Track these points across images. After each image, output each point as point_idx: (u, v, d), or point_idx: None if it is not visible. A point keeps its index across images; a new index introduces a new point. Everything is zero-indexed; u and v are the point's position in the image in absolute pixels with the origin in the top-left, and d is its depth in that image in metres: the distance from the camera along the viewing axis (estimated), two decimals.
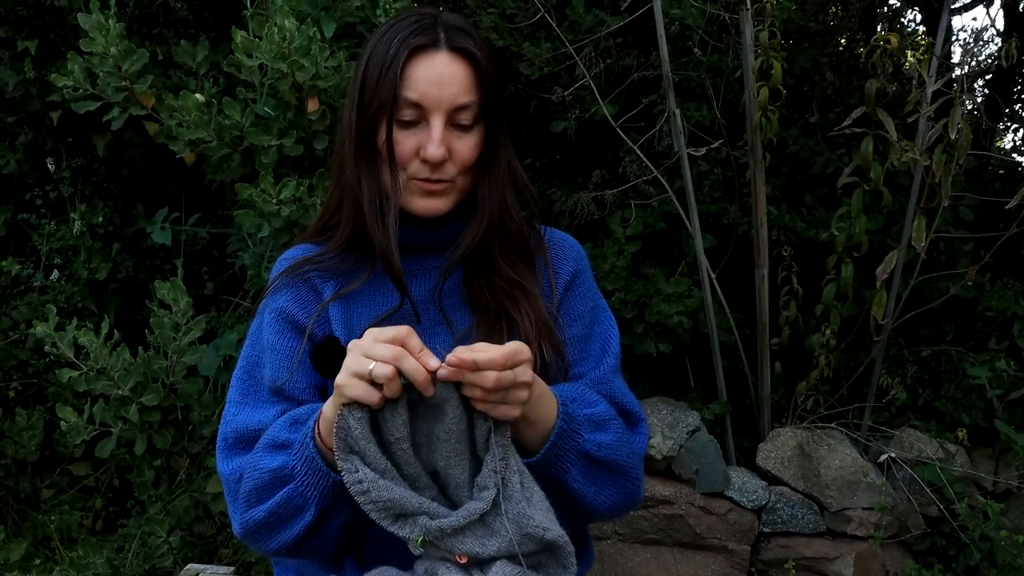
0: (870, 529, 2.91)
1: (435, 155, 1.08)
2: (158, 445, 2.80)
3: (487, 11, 3.37)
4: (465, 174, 1.13)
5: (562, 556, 0.94)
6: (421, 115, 1.09)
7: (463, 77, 1.09)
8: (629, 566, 2.97)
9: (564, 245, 1.25)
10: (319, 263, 1.18)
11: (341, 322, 1.13)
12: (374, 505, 0.90)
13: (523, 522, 0.92)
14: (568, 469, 1.04)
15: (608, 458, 1.08)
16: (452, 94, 1.08)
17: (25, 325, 3.24)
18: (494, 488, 0.92)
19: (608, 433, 1.09)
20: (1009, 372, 3.11)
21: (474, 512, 0.91)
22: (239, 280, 3.26)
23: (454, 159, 1.10)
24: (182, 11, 3.50)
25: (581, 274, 1.24)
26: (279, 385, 1.12)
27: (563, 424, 1.03)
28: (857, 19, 4.01)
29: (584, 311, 1.21)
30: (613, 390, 1.17)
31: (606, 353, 1.20)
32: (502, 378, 0.90)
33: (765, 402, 3.12)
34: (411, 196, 1.12)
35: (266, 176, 2.42)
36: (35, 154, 3.42)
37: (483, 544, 0.92)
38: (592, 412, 1.09)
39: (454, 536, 0.91)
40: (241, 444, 1.10)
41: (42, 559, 3.16)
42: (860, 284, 3.06)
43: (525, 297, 1.14)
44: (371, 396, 0.90)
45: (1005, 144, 4.56)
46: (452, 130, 1.10)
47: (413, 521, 0.91)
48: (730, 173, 3.36)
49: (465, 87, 1.09)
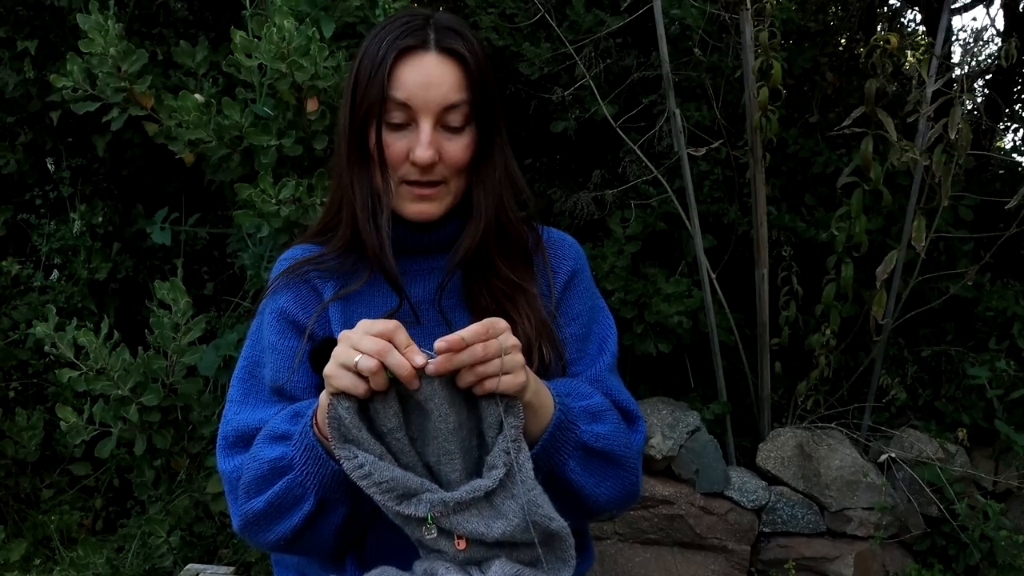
0: (870, 529, 2.91)
1: (423, 158, 1.08)
2: (158, 445, 2.80)
3: (487, 11, 3.37)
4: (458, 176, 1.13)
5: (562, 549, 0.94)
6: (410, 117, 1.09)
7: (452, 77, 1.09)
8: (629, 566, 2.97)
9: (563, 244, 1.26)
10: (319, 263, 1.18)
11: (341, 323, 1.13)
12: (378, 487, 0.90)
13: (532, 509, 0.92)
14: (566, 461, 1.05)
15: (606, 448, 1.08)
16: (440, 94, 1.08)
17: (25, 325, 3.24)
18: (503, 467, 0.92)
19: (605, 424, 1.09)
20: (1009, 372, 3.11)
21: (479, 488, 0.91)
22: (239, 280, 3.26)
23: (445, 161, 1.10)
24: (182, 11, 3.50)
25: (579, 273, 1.24)
26: (280, 385, 1.12)
27: (560, 415, 1.03)
28: (857, 19, 4.00)
29: (582, 310, 1.22)
30: (609, 388, 1.17)
31: (603, 352, 1.21)
32: (490, 345, 0.91)
33: (765, 402, 3.12)
34: (403, 201, 1.13)
35: (265, 176, 2.42)
36: (35, 154, 3.42)
37: (488, 525, 0.92)
38: (587, 404, 1.09)
39: (459, 513, 0.91)
40: (242, 443, 1.11)
41: (42, 559, 3.16)
42: (860, 284, 3.06)
43: (524, 298, 1.15)
44: (357, 387, 0.90)
45: (1005, 144, 4.56)
46: (442, 132, 1.10)
47: (418, 499, 0.91)
48: (730, 173, 3.36)
49: (454, 87, 1.09)
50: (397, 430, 0.93)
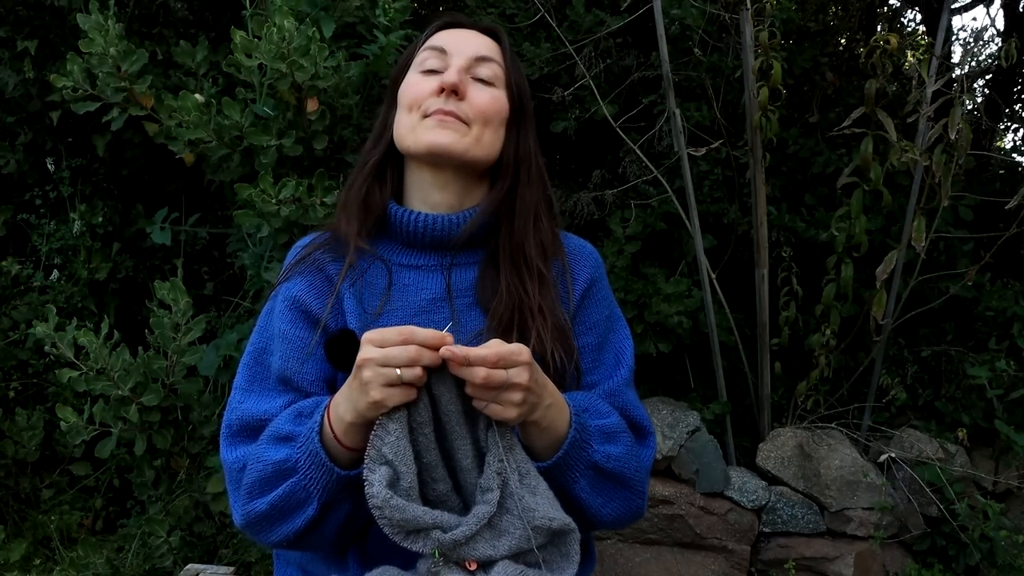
0: (870, 529, 2.91)
1: (450, 79, 1.13)
2: (158, 445, 2.80)
3: (487, 11, 3.37)
4: (483, 125, 1.15)
5: (566, 545, 0.95)
6: (444, 63, 1.16)
7: (489, 43, 1.20)
8: (629, 566, 2.97)
9: (583, 252, 1.25)
10: (330, 244, 1.19)
11: (355, 312, 1.12)
12: (387, 521, 0.90)
13: (528, 516, 0.93)
14: (577, 479, 1.05)
15: (616, 470, 1.08)
16: (475, 46, 1.18)
17: (25, 325, 3.24)
18: (497, 490, 0.93)
19: (618, 445, 1.09)
20: (1009, 372, 3.11)
21: (483, 517, 0.92)
22: (239, 280, 3.26)
23: (470, 102, 1.14)
24: (182, 11, 3.50)
25: (598, 282, 1.23)
26: (288, 375, 1.11)
27: (576, 434, 1.03)
28: (857, 19, 4.01)
29: (600, 320, 1.21)
30: (625, 403, 1.17)
31: (620, 364, 1.20)
32: (491, 376, 0.90)
33: (765, 402, 3.12)
34: (423, 132, 1.14)
35: (265, 176, 2.42)
36: (35, 154, 3.42)
37: (494, 546, 0.92)
38: (603, 423, 1.09)
39: (466, 545, 0.92)
40: (245, 432, 1.10)
41: (42, 559, 3.16)
42: (860, 284, 3.06)
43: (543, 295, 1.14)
44: (410, 395, 0.92)
45: (1005, 144, 4.56)
46: (473, 82, 1.16)
47: (426, 535, 0.91)
48: (730, 173, 3.36)
49: (489, 48, 1.19)
50: (427, 424, 0.94)
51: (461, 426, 0.94)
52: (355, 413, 0.94)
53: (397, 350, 0.90)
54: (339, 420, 0.97)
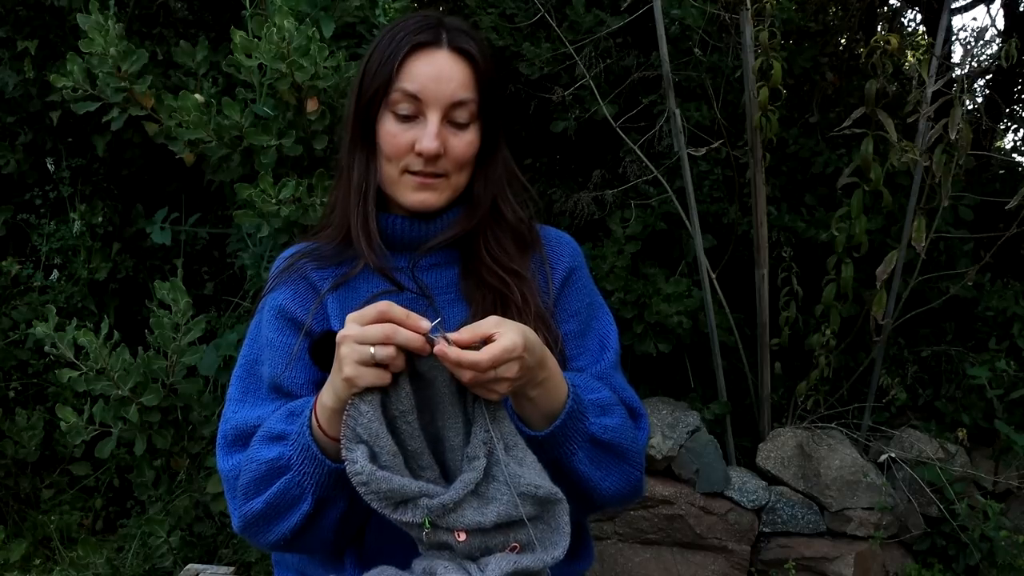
0: (870, 529, 2.91)
1: (429, 148, 1.10)
2: (158, 445, 2.80)
3: (487, 11, 3.36)
4: (459, 171, 1.15)
5: (555, 518, 0.95)
6: (418, 109, 1.11)
7: (462, 75, 1.12)
8: (629, 566, 2.97)
9: (560, 242, 1.27)
10: (316, 255, 1.19)
11: (339, 316, 1.14)
12: (375, 495, 0.91)
13: (514, 482, 0.93)
14: (575, 451, 1.06)
15: (614, 441, 1.09)
16: (450, 90, 1.11)
17: (25, 325, 3.24)
18: (483, 457, 0.94)
19: (613, 417, 1.11)
20: (1009, 372, 3.11)
21: (469, 483, 0.93)
22: (239, 280, 3.26)
23: (448, 155, 1.13)
24: (182, 11, 3.50)
25: (577, 271, 1.25)
26: (278, 381, 1.13)
27: (573, 405, 1.04)
28: (857, 19, 4.00)
29: (580, 307, 1.22)
30: (615, 385, 1.18)
31: (605, 349, 1.21)
32: (479, 378, 0.92)
33: (765, 402, 3.12)
34: (405, 190, 1.14)
35: (265, 176, 2.42)
36: (35, 154, 3.42)
37: (483, 513, 0.93)
38: (596, 397, 1.11)
39: (455, 511, 0.92)
40: (240, 441, 1.11)
41: (42, 559, 3.16)
42: (860, 284, 3.06)
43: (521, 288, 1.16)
44: (383, 378, 0.91)
45: (1005, 144, 4.56)
46: (448, 127, 1.12)
47: (414, 505, 0.92)
48: (730, 173, 3.36)
49: (464, 84, 1.12)
50: (409, 412, 0.94)
51: (455, 405, 0.95)
52: (334, 397, 0.95)
53: (373, 328, 0.91)
54: (323, 408, 0.98)
